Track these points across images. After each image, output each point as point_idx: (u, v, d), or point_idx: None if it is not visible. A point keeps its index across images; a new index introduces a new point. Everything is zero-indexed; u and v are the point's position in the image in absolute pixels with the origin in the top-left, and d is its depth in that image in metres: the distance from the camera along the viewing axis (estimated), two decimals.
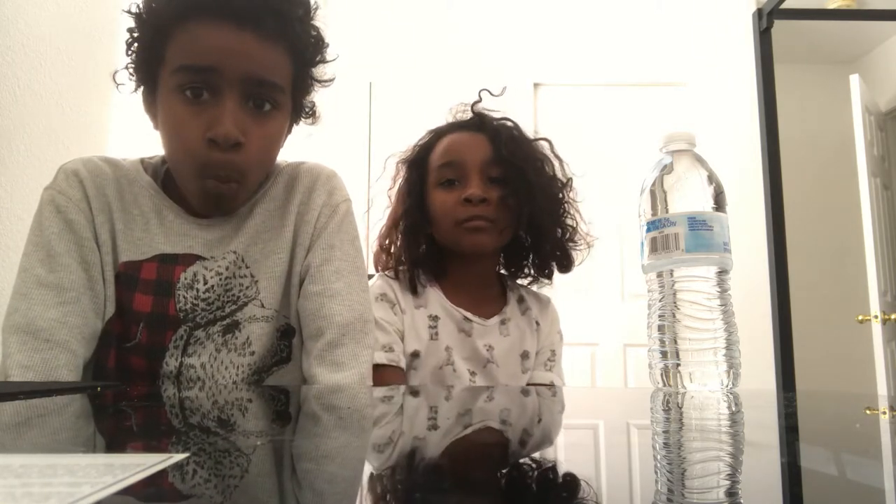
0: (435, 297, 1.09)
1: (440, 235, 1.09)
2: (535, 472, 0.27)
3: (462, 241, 1.06)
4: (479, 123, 1.11)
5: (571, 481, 0.26)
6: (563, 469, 0.28)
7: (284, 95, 0.80)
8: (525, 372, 1.10)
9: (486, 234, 1.06)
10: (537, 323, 1.14)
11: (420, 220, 1.09)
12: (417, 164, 1.12)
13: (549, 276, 1.15)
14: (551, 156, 1.13)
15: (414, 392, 0.70)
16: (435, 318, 1.07)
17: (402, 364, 1.02)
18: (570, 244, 1.12)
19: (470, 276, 1.11)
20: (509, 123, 1.13)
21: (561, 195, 1.11)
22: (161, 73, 0.76)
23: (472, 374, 1.07)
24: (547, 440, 0.39)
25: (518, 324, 1.12)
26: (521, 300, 1.16)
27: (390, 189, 1.17)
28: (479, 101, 1.15)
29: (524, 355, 1.11)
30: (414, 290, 1.09)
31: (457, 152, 1.07)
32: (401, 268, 1.11)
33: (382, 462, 0.29)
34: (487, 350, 1.08)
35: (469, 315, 1.09)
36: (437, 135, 1.12)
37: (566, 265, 1.12)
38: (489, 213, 1.04)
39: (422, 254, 1.09)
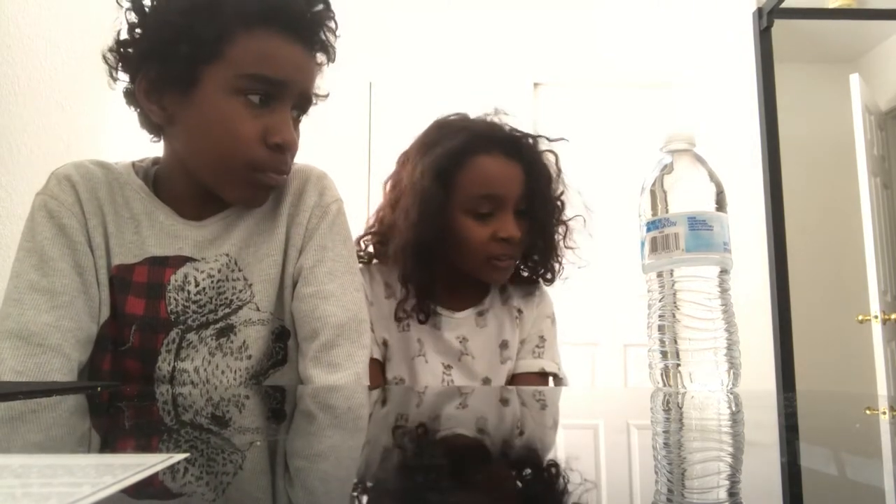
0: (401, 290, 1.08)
1: (459, 262, 1.05)
2: (535, 472, 0.27)
3: (487, 274, 1.06)
4: (517, 150, 1.04)
5: (571, 481, 0.26)
6: (563, 469, 0.28)
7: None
8: (504, 362, 1.09)
9: (509, 270, 1.07)
10: (519, 311, 1.12)
11: (443, 248, 1.02)
12: (443, 178, 1.01)
13: (531, 281, 1.14)
14: (554, 169, 1.09)
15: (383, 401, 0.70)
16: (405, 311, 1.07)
17: (377, 354, 1.03)
18: (556, 257, 1.12)
19: (450, 274, 1.08)
20: (541, 150, 1.08)
21: (559, 217, 1.11)
22: (209, 70, 0.75)
23: (447, 367, 1.06)
24: (546, 440, 0.39)
25: (497, 314, 1.11)
26: (503, 289, 1.14)
27: (391, 181, 1.11)
28: (515, 137, 1.07)
29: (503, 345, 1.09)
30: (426, 319, 1.06)
31: (497, 185, 1.01)
32: (399, 295, 1.07)
33: (374, 460, 0.29)
34: (461, 342, 1.07)
35: (438, 309, 1.07)
36: (469, 149, 1.02)
37: (550, 279, 1.13)
38: (518, 251, 1.05)
39: (432, 278, 1.04)
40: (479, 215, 1.01)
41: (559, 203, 1.10)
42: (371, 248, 1.13)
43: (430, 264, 1.02)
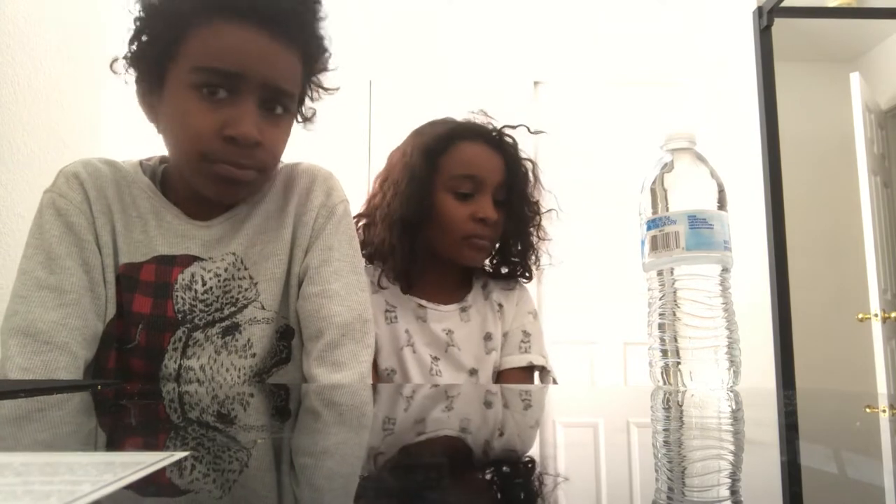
0: (390, 286, 1.12)
1: (436, 240, 1.09)
2: (535, 471, 0.27)
3: (462, 255, 1.10)
4: (499, 141, 1.12)
5: (570, 479, 0.26)
6: (562, 467, 0.28)
7: (294, 101, 0.81)
8: (489, 353, 1.12)
9: (484, 253, 1.12)
10: (500, 305, 1.16)
11: (425, 221, 1.07)
12: (430, 157, 1.08)
13: (510, 277, 1.19)
14: (532, 178, 1.15)
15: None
16: (393, 306, 1.11)
17: None
18: (533, 256, 1.17)
19: (434, 267, 1.12)
20: (518, 149, 1.14)
21: (535, 220, 1.16)
22: (172, 67, 0.75)
23: (435, 359, 1.09)
24: (548, 439, 0.39)
25: (479, 309, 1.15)
26: (485, 285, 1.18)
27: (380, 178, 1.15)
28: (498, 132, 1.13)
29: (487, 337, 1.13)
30: (409, 287, 1.11)
31: (478, 167, 1.08)
32: (382, 265, 1.12)
33: (374, 461, 0.29)
34: (447, 334, 1.10)
35: (423, 302, 1.11)
36: (454, 136, 1.09)
37: (528, 277, 1.19)
38: (494, 234, 1.10)
39: (413, 252, 1.08)
40: (459, 195, 1.07)
41: (535, 207, 1.15)
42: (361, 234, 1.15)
43: (413, 234, 1.07)
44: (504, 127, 1.14)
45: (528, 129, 1.17)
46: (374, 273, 1.12)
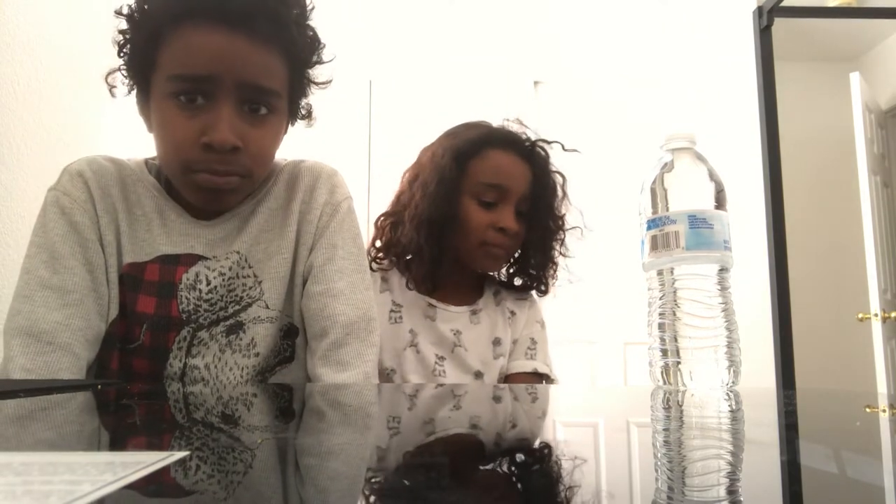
0: (399, 284, 1.12)
1: (457, 245, 1.09)
2: (534, 470, 0.27)
3: (477, 260, 1.11)
4: (530, 152, 1.11)
5: (571, 479, 0.26)
6: (562, 467, 0.28)
7: (280, 99, 0.79)
8: (497, 358, 1.12)
9: (501, 261, 1.13)
10: (512, 312, 1.16)
11: (452, 223, 1.07)
12: (460, 160, 1.08)
13: (524, 289, 1.19)
14: (560, 192, 1.15)
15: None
16: (399, 305, 1.11)
17: None
18: (551, 272, 1.17)
19: (450, 269, 1.12)
20: (549, 162, 1.14)
21: (558, 235, 1.15)
22: (154, 77, 0.75)
23: (440, 358, 1.09)
24: (547, 438, 0.39)
25: (490, 314, 1.15)
26: (496, 292, 1.18)
27: (410, 172, 1.14)
28: (531, 143, 1.12)
29: (496, 342, 1.13)
30: (434, 288, 1.11)
31: (506, 177, 1.08)
32: (405, 268, 1.11)
33: (379, 461, 0.29)
34: (454, 334, 1.10)
35: (433, 302, 1.12)
36: (486, 142, 1.09)
37: (543, 291, 1.19)
38: (512, 245, 1.11)
39: (440, 253, 1.08)
40: (483, 203, 1.07)
41: (560, 221, 1.15)
42: (386, 234, 1.15)
43: (440, 235, 1.07)
44: (539, 140, 1.13)
45: (563, 147, 1.17)
46: (385, 271, 1.13)
